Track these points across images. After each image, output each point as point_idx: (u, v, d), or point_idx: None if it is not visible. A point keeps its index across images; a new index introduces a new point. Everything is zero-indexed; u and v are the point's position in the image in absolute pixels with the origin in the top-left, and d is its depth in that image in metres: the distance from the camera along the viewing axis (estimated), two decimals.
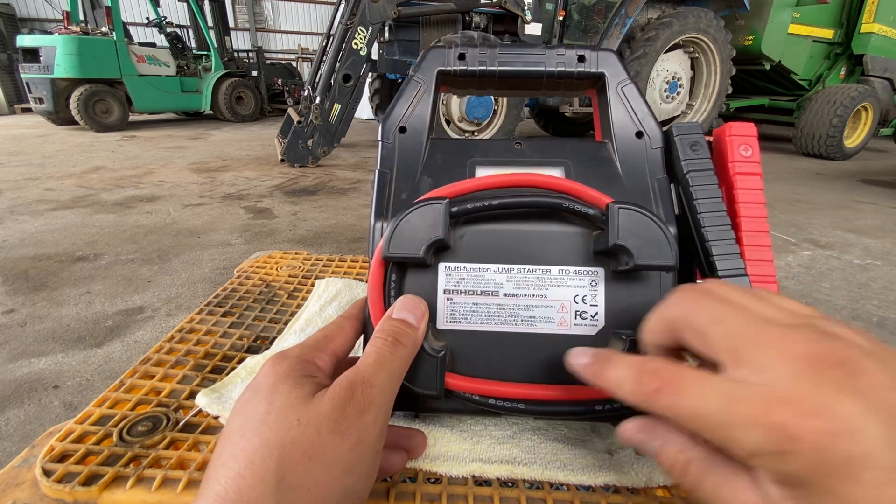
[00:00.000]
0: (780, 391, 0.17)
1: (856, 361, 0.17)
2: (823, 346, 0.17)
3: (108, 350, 1.30)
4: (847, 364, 0.17)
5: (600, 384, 0.23)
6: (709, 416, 0.18)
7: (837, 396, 0.16)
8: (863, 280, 1.82)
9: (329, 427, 0.21)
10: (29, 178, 3.18)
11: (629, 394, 0.21)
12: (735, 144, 0.32)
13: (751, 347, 0.19)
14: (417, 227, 0.27)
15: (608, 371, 0.22)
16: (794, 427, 0.16)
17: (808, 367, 0.17)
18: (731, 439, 0.18)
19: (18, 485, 0.28)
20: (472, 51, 0.34)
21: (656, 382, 0.20)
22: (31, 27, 8.69)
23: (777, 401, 0.17)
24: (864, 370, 0.17)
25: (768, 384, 0.17)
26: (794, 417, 0.16)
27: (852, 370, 0.17)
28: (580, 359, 0.25)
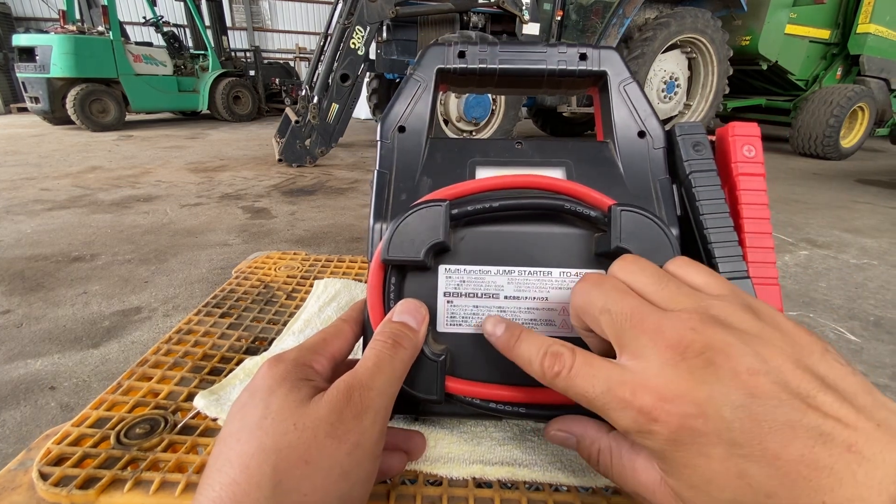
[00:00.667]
0: (648, 378, 0.20)
1: (718, 349, 0.19)
2: (692, 335, 0.20)
3: (105, 351, 1.29)
4: (707, 352, 0.19)
5: (510, 357, 0.25)
6: (594, 398, 0.21)
7: (692, 384, 0.19)
8: (859, 280, 1.83)
9: (326, 431, 0.21)
10: (25, 177, 3.16)
11: (535, 373, 0.23)
12: (738, 144, 0.32)
13: (631, 335, 0.21)
14: (417, 230, 0.27)
15: (518, 347, 0.24)
16: (654, 410, 0.19)
17: (673, 355, 0.20)
18: (612, 419, 0.21)
19: (14, 488, 0.28)
20: (472, 48, 0.34)
21: (556, 366, 0.22)
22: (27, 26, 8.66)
23: (643, 387, 0.20)
24: (723, 358, 0.19)
25: (640, 371, 0.20)
26: (655, 401, 0.19)
27: (711, 359, 0.19)
28: (495, 328, 0.26)
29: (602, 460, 0.23)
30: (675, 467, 0.19)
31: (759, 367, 0.18)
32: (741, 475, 0.17)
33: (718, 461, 0.18)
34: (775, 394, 0.18)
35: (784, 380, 0.18)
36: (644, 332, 0.21)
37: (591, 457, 0.24)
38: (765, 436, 0.17)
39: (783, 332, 0.20)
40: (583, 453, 0.25)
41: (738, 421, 0.17)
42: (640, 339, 0.21)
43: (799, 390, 0.18)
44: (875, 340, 1.40)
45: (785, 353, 0.19)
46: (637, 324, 0.21)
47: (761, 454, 0.17)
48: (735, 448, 0.17)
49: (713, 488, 0.18)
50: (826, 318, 1.53)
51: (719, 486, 0.18)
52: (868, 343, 1.38)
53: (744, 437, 0.17)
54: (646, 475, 0.21)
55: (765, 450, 0.17)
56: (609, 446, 0.23)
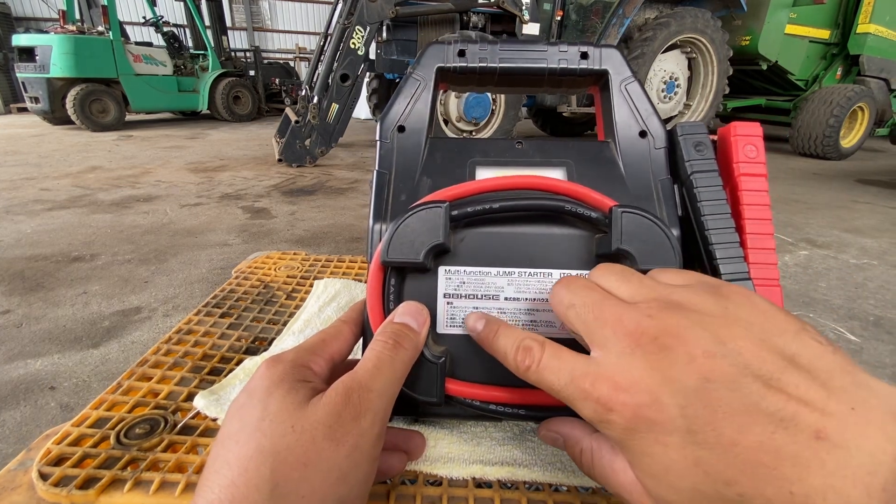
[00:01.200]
0: (606, 368, 0.20)
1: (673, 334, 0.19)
2: (647, 322, 0.20)
3: (105, 351, 1.29)
4: (662, 338, 0.19)
5: (490, 351, 0.25)
6: (560, 390, 0.21)
7: (645, 371, 0.19)
8: (859, 279, 1.83)
9: (324, 433, 0.20)
10: (25, 177, 3.16)
11: (510, 365, 0.24)
12: (740, 144, 0.32)
13: (595, 327, 0.21)
14: (417, 232, 0.27)
15: (496, 342, 0.25)
16: (610, 400, 0.19)
17: (630, 343, 0.20)
18: (577, 409, 0.21)
19: (14, 488, 0.28)
20: (473, 47, 0.34)
21: (528, 360, 0.22)
22: (27, 26, 8.65)
23: (601, 377, 0.20)
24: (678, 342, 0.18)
25: (601, 361, 0.20)
26: (610, 391, 0.19)
27: (665, 344, 0.19)
28: (476, 324, 0.26)
29: (584, 460, 0.24)
30: (635, 457, 0.19)
31: (715, 350, 0.18)
32: (697, 462, 0.17)
33: (675, 449, 0.17)
34: (732, 377, 0.17)
35: (744, 361, 0.17)
36: (605, 322, 0.21)
37: (575, 457, 0.25)
38: (719, 422, 0.16)
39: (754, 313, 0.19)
40: (569, 453, 0.25)
41: (691, 407, 0.17)
42: (603, 330, 0.21)
43: (760, 372, 0.17)
44: (875, 340, 1.40)
45: (749, 333, 0.18)
46: (599, 315, 0.21)
47: (716, 441, 0.16)
48: (690, 435, 0.17)
49: (672, 477, 0.18)
50: (826, 318, 1.53)
51: (678, 475, 0.17)
52: (868, 343, 1.38)
53: (698, 424, 0.17)
54: (624, 475, 0.21)
55: (720, 436, 0.16)
56: (591, 447, 0.23)
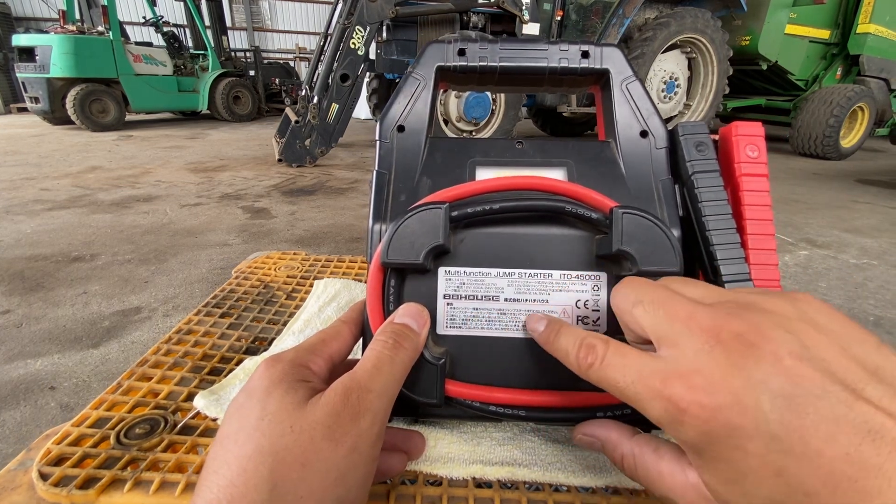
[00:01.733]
0: (680, 366, 0.18)
1: (758, 332, 0.18)
2: (726, 320, 0.18)
3: (105, 351, 1.29)
4: (746, 335, 0.18)
5: (550, 352, 0.25)
6: (625, 388, 0.20)
7: (727, 370, 0.17)
8: (859, 280, 1.83)
9: (322, 433, 0.20)
10: (25, 177, 3.16)
11: (571, 365, 0.23)
12: (742, 145, 0.31)
13: (665, 322, 0.20)
14: (416, 233, 0.27)
15: (557, 341, 0.24)
16: (683, 400, 0.18)
17: (708, 339, 0.18)
18: (644, 410, 0.20)
19: (14, 488, 0.28)
20: (473, 46, 0.33)
21: (591, 357, 0.22)
22: (27, 26, 8.65)
23: (674, 375, 0.18)
24: (764, 341, 0.17)
25: (673, 359, 0.19)
26: (685, 391, 0.18)
27: (750, 342, 0.17)
28: (537, 325, 0.26)
29: (626, 465, 0.23)
30: (709, 462, 0.18)
31: (802, 353, 0.17)
32: (779, 472, 0.16)
33: (755, 456, 0.16)
34: (820, 383, 0.16)
35: (830, 368, 0.16)
36: (678, 318, 0.20)
37: (616, 461, 0.24)
38: (807, 430, 0.15)
39: (832, 321, 0.18)
40: (608, 457, 0.24)
41: (777, 412, 0.16)
42: (674, 325, 0.20)
43: (846, 380, 0.16)
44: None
45: (832, 340, 0.17)
46: (671, 311, 0.20)
47: (802, 450, 0.15)
48: (774, 443, 0.16)
49: (749, 485, 0.17)
50: None
51: (756, 483, 0.16)
52: None
53: (783, 431, 0.16)
54: (672, 479, 0.20)
55: (806, 445, 0.15)
56: (632, 451, 0.23)
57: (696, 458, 0.19)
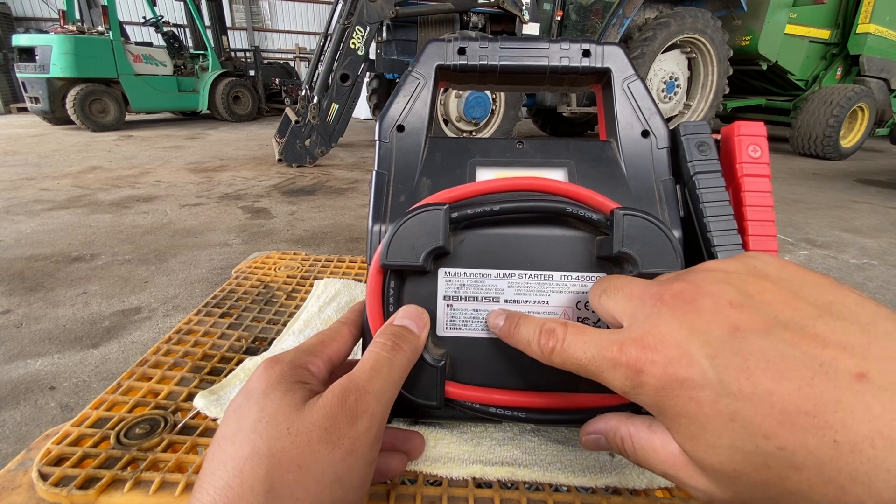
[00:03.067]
0: (634, 332, 0.19)
1: (698, 287, 0.18)
2: (668, 284, 0.19)
3: (105, 351, 1.29)
4: (684, 293, 0.18)
5: (512, 344, 0.25)
6: (588, 364, 0.21)
7: (672, 325, 0.18)
8: (859, 279, 1.83)
9: (319, 436, 0.20)
10: (25, 177, 3.16)
11: (534, 353, 0.24)
12: (744, 145, 0.31)
13: (622, 302, 0.22)
14: (416, 235, 0.27)
15: (518, 332, 0.25)
16: (638, 361, 0.18)
17: (654, 304, 0.19)
18: (607, 382, 0.20)
19: (14, 488, 0.28)
20: (473, 45, 0.33)
21: (552, 342, 0.22)
22: (27, 26, 8.65)
23: (629, 341, 0.19)
24: (702, 294, 0.18)
25: (628, 328, 0.20)
26: (638, 352, 0.18)
27: (690, 297, 0.18)
28: (497, 320, 0.27)
29: (627, 448, 0.23)
30: (672, 419, 0.18)
31: (743, 300, 0.17)
32: (733, 417, 0.16)
33: (708, 404, 0.16)
34: (762, 325, 0.16)
35: (772, 311, 0.17)
36: (633, 295, 0.21)
37: (618, 448, 0.24)
38: (752, 370, 0.16)
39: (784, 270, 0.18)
40: (613, 447, 0.24)
41: (721, 357, 0.16)
42: (631, 301, 0.21)
43: (793, 320, 0.16)
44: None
45: (779, 287, 0.18)
46: (627, 291, 0.22)
47: (751, 391, 0.15)
48: (722, 387, 0.16)
49: (709, 435, 0.17)
50: None
51: (714, 433, 0.16)
52: None
53: (730, 375, 0.16)
54: (664, 451, 0.20)
55: (754, 385, 0.15)
56: (629, 432, 0.23)
57: (663, 420, 0.19)
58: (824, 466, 0.14)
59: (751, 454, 0.16)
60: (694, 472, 0.18)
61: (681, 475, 0.19)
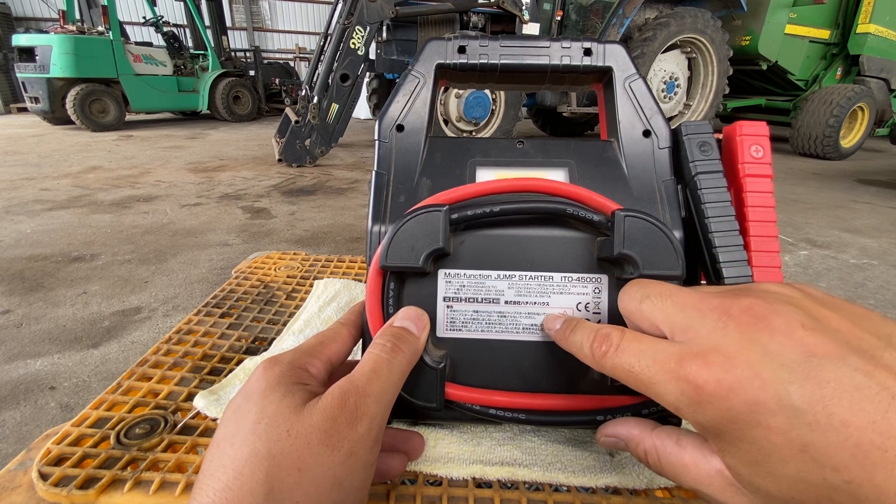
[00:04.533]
0: (695, 346, 0.18)
1: (767, 306, 0.17)
2: (735, 298, 0.18)
3: (105, 351, 1.29)
4: (754, 310, 0.17)
5: (565, 348, 0.25)
6: (639, 373, 0.20)
7: (742, 343, 0.17)
8: (859, 280, 1.83)
9: (319, 438, 0.20)
10: (25, 177, 3.16)
11: (586, 358, 0.23)
12: (746, 145, 0.31)
13: (675, 311, 0.20)
14: (416, 236, 0.27)
15: (573, 335, 0.25)
16: (700, 378, 0.17)
17: (720, 317, 0.18)
18: (657, 395, 0.19)
19: (14, 488, 0.28)
20: (474, 43, 0.33)
21: (605, 346, 0.22)
22: (27, 26, 8.64)
23: (690, 355, 0.18)
24: (774, 314, 0.17)
25: (688, 341, 0.19)
26: (701, 368, 0.17)
27: (761, 315, 0.17)
28: (553, 324, 0.27)
29: (651, 460, 0.22)
30: (731, 443, 0.17)
31: (814, 325, 0.16)
32: (805, 448, 0.15)
33: (778, 433, 0.15)
34: (836, 351, 0.15)
35: (844, 338, 0.16)
36: (687, 305, 0.20)
37: (640, 458, 0.23)
38: (829, 400, 0.15)
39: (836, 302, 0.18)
40: (633, 454, 0.24)
41: (798, 384, 0.15)
42: (685, 311, 0.20)
43: (861, 348, 0.16)
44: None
45: (840, 315, 0.17)
46: (678, 300, 0.21)
47: (827, 422, 0.15)
48: (797, 416, 0.15)
49: (774, 464, 0.16)
50: None
51: (780, 461, 0.16)
52: None
53: (805, 403, 0.15)
54: (696, 469, 0.20)
55: (830, 416, 0.15)
56: (654, 446, 0.22)
57: (717, 441, 0.18)
58: (887, 500, 0.14)
59: (816, 486, 0.15)
60: (734, 493, 0.18)
61: (717, 495, 0.19)
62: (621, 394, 0.27)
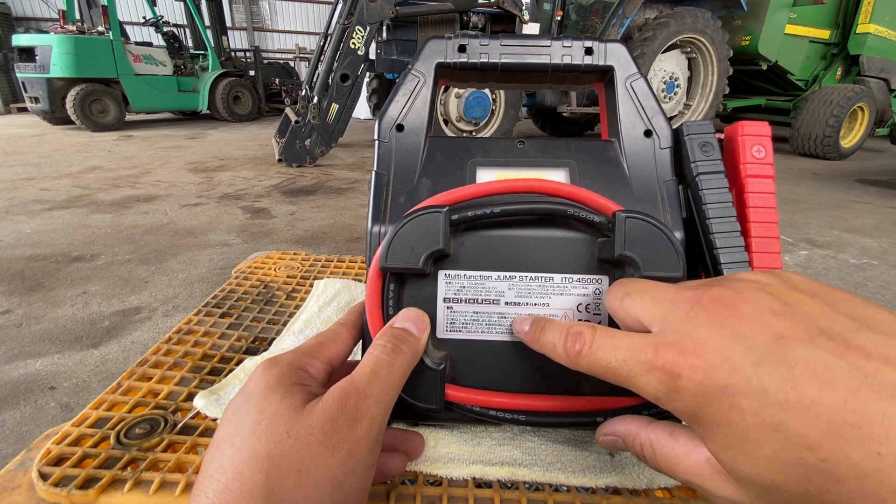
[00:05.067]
0: (669, 336, 0.19)
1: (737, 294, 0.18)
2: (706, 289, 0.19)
3: (105, 351, 1.29)
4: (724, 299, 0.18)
5: (537, 349, 0.25)
6: (618, 367, 0.20)
7: (712, 330, 0.18)
8: (859, 280, 1.83)
9: (319, 439, 0.20)
10: (25, 177, 3.16)
11: (560, 358, 0.23)
12: (748, 145, 0.31)
13: (652, 305, 0.21)
14: (416, 237, 0.27)
15: (543, 336, 0.24)
16: (676, 366, 0.18)
17: (692, 308, 0.19)
18: (637, 387, 0.19)
19: (14, 488, 0.28)
20: (474, 42, 0.32)
21: (578, 344, 0.22)
22: (27, 26, 8.64)
23: (665, 345, 0.18)
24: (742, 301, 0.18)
25: (662, 332, 0.19)
26: (676, 356, 0.18)
27: (730, 303, 0.18)
28: (522, 326, 0.26)
29: (646, 454, 0.22)
30: (709, 428, 0.17)
31: (784, 309, 0.17)
32: (777, 427, 0.15)
33: (751, 413, 0.16)
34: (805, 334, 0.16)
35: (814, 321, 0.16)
36: (664, 299, 0.21)
37: (637, 453, 0.23)
38: (798, 379, 0.15)
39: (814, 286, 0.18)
40: (630, 451, 0.24)
41: (766, 365, 0.16)
42: (662, 305, 0.20)
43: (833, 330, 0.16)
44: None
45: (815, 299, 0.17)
46: (656, 295, 0.21)
47: (796, 400, 0.15)
48: (766, 396, 0.16)
49: (749, 445, 0.16)
50: None
51: (755, 442, 0.16)
52: None
53: (775, 384, 0.15)
54: (688, 459, 0.20)
55: (800, 395, 0.15)
56: (649, 439, 0.22)
57: (698, 428, 0.18)
58: (866, 479, 0.14)
59: (792, 465, 0.15)
60: (723, 481, 0.18)
61: (707, 484, 0.19)
62: (621, 395, 0.27)
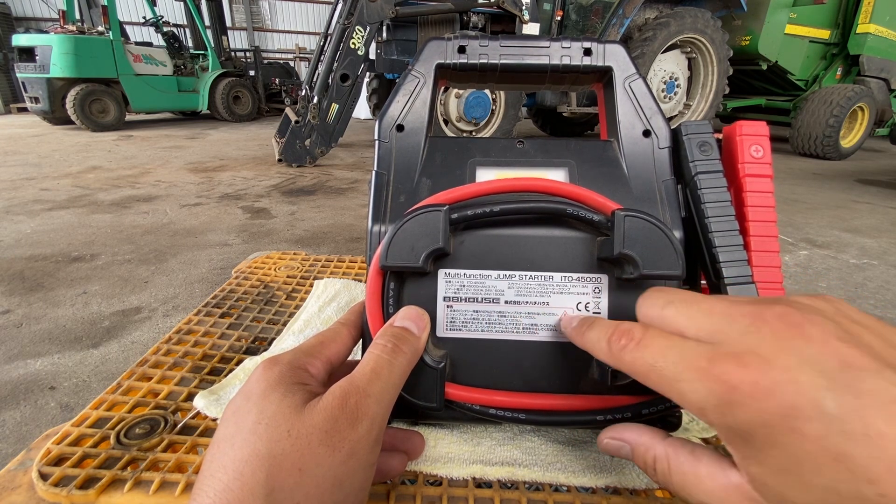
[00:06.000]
0: (728, 347, 0.18)
1: (799, 315, 0.17)
2: (767, 306, 0.18)
3: (105, 351, 1.29)
4: (787, 317, 0.17)
5: (581, 345, 0.25)
6: (662, 369, 0.19)
7: (778, 346, 0.17)
8: (859, 279, 1.83)
9: (319, 439, 0.20)
10: (25, 178, 3.16)
11: (602, 353, 0.23)
12: (746, 144, 0.31)
13: (704, 317, 0.20)
14: (416, 236, 0.27)
15: (590, 331, 0.24)
16: (734, 378, 0.17)
17: (753, 322, 0.18)
18: (680, 393, 0.19)
19: (14, 488, 0.28)
20: (474, 43, 0.33)
21: (625, 340, 0.21)
22: (27, 26, 8.64)
23: (723, 355, 0.18)
24: (808, 323, 0.17)
25: (719, 342, 0.18)
26: (736, 368, 0.17)
27: (796, 322, 0.17)
28: (570, 322, 0.26)
29: (659, 469, 0.22)
30: (760, 449, 0.17)
31: (848, 337, 0.16)
32: (839, 458, 0.15)
33: (813, 440, 0.15)
34: (872, 364, 0.15)
35: (877, 352, 0.16)
36: (714, 310, 0.19)
37: (646, 465, 0.23)
38: (867, 410, 0.15)
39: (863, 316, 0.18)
40: (638, 462, 0.23)
41: (836, 391, 0.15)
42: (713, 317, 0.19)
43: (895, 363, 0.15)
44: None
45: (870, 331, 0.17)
46: (705, 306, 0.20)
47: (863, 432, 0.14)
48: (833, 424, 0.15)
49: (806, 472, 0.15)
50: None
51: (813, 471, 0.15)
52: None
53: (843, 411, 0.15)
54: (712, 482, 0.19)
55: (867, 426, 0.14)
56: (665, 454, 0.21)
57: (743, 446, 0.17)
58: None
59: (848, 498, 0.15)
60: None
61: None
62: (621, 394, 0.27)
